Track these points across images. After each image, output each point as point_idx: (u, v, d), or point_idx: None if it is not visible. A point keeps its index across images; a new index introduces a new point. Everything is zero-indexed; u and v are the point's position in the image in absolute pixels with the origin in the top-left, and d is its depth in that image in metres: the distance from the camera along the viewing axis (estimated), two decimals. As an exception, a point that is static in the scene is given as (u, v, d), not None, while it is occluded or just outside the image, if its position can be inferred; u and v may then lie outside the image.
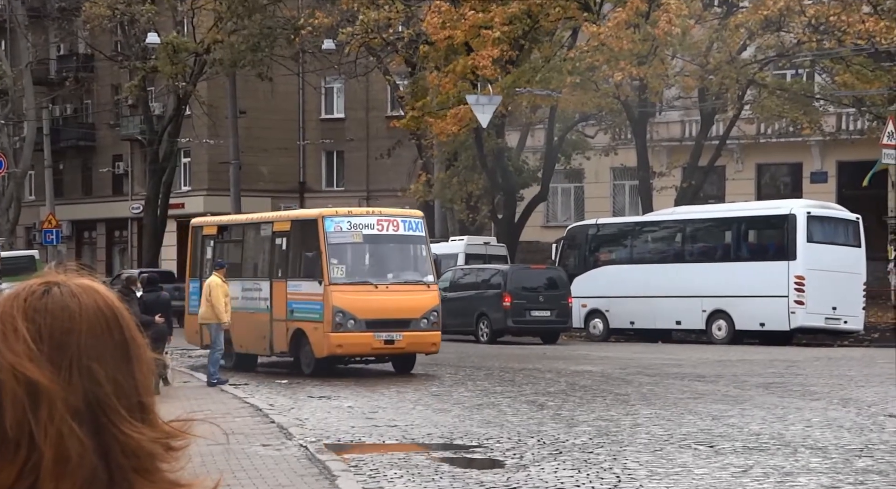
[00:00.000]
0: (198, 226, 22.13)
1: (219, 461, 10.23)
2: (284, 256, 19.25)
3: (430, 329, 18.49)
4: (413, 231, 18.82)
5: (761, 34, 28.97)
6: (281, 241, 19.42)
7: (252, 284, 19.83)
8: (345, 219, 18.55)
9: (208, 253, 21.13)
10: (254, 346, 19.63)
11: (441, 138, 29.76)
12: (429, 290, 18.68)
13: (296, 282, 18.72)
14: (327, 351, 18.00)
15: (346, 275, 18.24)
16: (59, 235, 40.27)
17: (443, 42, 27.25)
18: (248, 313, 19.48)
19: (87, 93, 48.25)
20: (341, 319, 17.93)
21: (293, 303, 18.75)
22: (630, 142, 33.97)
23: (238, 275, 19.87)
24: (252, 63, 35.37)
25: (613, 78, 26.91)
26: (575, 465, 10.38)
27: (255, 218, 21.31)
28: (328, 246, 18.16)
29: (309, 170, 46.66)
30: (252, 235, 20.55)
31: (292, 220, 19.70)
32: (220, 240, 21.23)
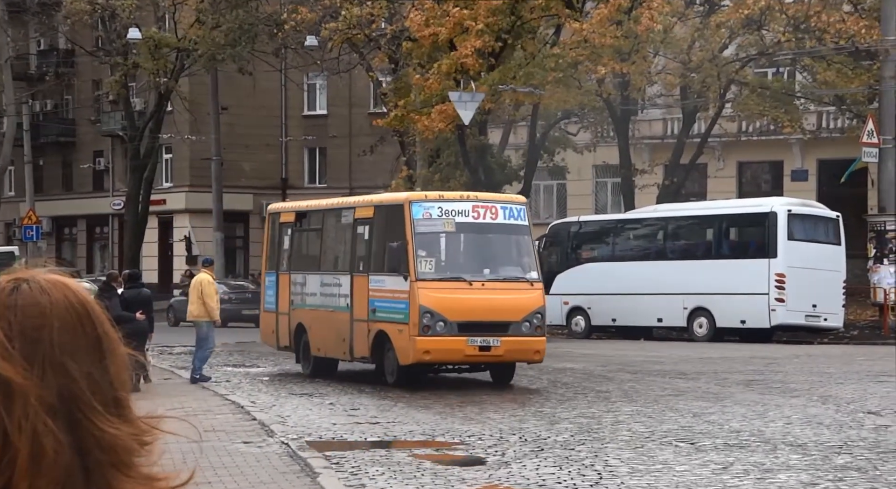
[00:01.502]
0: (274, 212, 20.09)
1: (199, 458, 10.20)
2: (367, 247, 16.99)
3: (533, 334, 15.98)
4: (515, 219, 16.37)
5: (742, 32, 29.08)
6: (363, 229, 17.11)
7: (331, 279, 17.69)
8: (435, 204, 16.18)
9: (286, 243, 19.17)
10: (333, 350, 17.52)
11: (426, 135, 29.74)
12: (532, 289, 16.21)
13: (379, 276, 16.44)
14: (413, 357, 15.67)
15: (436, 270, 15.94)
16: (39, 232, 40.04)
17: (427, 39, 27.22)
18: (327, 312, 17.58)
19: (67, 88, 47.98)
20: (429, 321, 15.61)
21: (375, 302, 16.47)
22: (612, 139, 34.06)
23: (316, 268, 18.19)
24: (232, 57, 35.25)
25: (596, 74, 26.95)
26: (556, 462, 10.40)
27: (336, 203, 19.02)
28: (415, 235, 15.83)
29: (291, 166, 46.55)
30: (332, 223, 18.32)
31: (375, 206, 17.20)
32: (298, 228, 19.07)
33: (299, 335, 18.34)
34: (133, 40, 35.39)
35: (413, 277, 15.68)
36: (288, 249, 19.03)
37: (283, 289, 18.84)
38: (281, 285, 18.95)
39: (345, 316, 17.07)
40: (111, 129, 44.44)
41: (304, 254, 18.90)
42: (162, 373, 18.50)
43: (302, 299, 18.45)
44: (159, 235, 44.68)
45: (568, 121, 34.84)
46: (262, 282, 19.84)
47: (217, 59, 35.62)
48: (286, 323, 18.61)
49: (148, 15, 37.28)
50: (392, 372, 16.22)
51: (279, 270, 18.94)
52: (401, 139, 34.54)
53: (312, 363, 17.98)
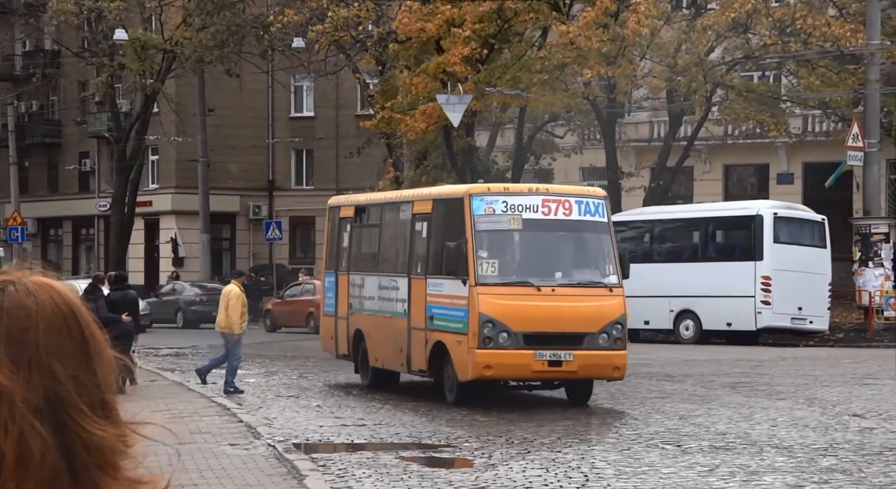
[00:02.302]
0: (335, 206, 18.38)
1: (186, 460, 10.17)
2: (425, 246, 15.12)
3: (612, 347, 13.98)
4: (592, 215, 14.44)
5: (729, 35, 29.18)
6: (421, 225, 15.30)
7: (389, 281, 15.87)
8: (499, 198, 14.30)
9: (345, 240, 17.41)
10: (391, 361, 15.77)
11: (409, 136, 29.73)
12: (611, 295, 14.20)
13: (436, 279, 14.61)
14: (472, 373, 13.80)
15: (499, 273, 14.05)
16: (24, 233, 39.86)
17: (414, 34, 27.19)
18: (384, 318, 15.84)
19: (53, 89, 47.79)
20: (491, 332, 13.72)
21: (433, 308, 14.63)
22: (599, 142, 34.11)
23: (374, 268, 16.46)
24: (219, 59, 35.18)
25: (582, 77, 27.00)
26: (543, 465, 10.41)
27: (393, 197, 17.19)
28: (475, 233, 14.00)
29: (278, 168, 46.48)
30: (391, 218, 16.45)
31: (434, 200, 15.27)
32: (358, 224, 17.31)
33: (358, 342, 16.64)
34: (119, 41, 35.28)
35: (473, 281, 13.82)
36: (347, 247, 17.32)
37: (342, 290, 17.16)
38: (340, 287, 17.29)
39: (402, 323, 15.31)
40: (97, 130, 44.29)
41: (362, 252, 17.13)
42: (148, 375, 18.43)
43: (360, 303, 16.71)
44: (145, 237, 44.54)
45: (555, 123, 34.89)
46: (322, 281, 18.40)
47: (204, 61, 35.54)
48: (345, 329, 16.98)
49: (134, 16, 37.18)
50: (451, 388, 14.35)
51: (338, 270, 17.38)
52: (388, 141, 34.53)
53: (371, 374, 16.30)
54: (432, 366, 14.64)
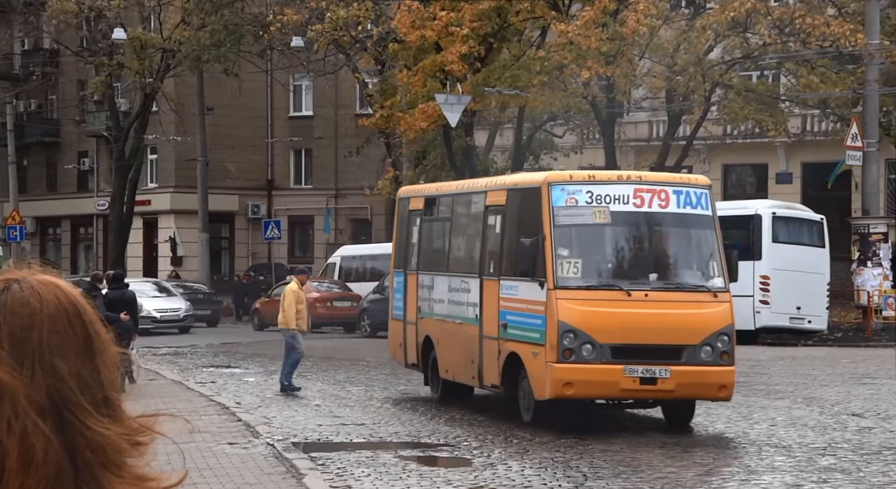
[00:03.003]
0: (404, 197, 16.57)
1: (185, 459, 10.18)
2: (498, 242, 13.32)
3: (717, 362, 11.95)
4: (693, 207, 12.47)
5: (727, 35, 29.18)
6: (495, 219, 13.53)
7: (459, 282, 14.17)
8: (583, 187, 12.37)
9: (414, 235, 15.66)
10: (461, 373, 14.09)
11: (409, 135, 29.74)
12: (716, 302, 12.16)
13: (511, 282, 12.79)
14: (550, 391, 11.90)
15: (583, 275, 12.18)
16: (23, 232, 39.84)
17: (415, 42, 27.23)
18: (455, 324, 14.22)
19: (52, 88, 47.77)
20: (572, 343, 11.81)
21: (507, 314, 12.83)
22: (598, 142, 34.12)
23: (444, 267, 14.72)
24: (217, 58, 35.17)
25: (581, 76, 27.01)
26: (542, 464, 10.42)
27: (465, 186, 15.36)
28: (555, 228, 12.13)
29: (277, 167, 46.48)
30: (462, 211, 14.75)
31: (508, 190, 13.37)
32: (428, 217, 15.46)
33: (427, 351, 14.96)
34: (118, 41, 35.27)
35: (551, 284, 11.94)
36: (416, 243, 15.54)
37: (411, 292, 15.47)
38: (409, 288, 15.57)
39: (473, 330, 13.60)
40: (96, 129, 44.27)
41: (432, 249, 15.37)
42: (147, 373, 18.44)
43: (429, 306, 15.01)
44: (144, 236, 44.52)
45: (553, 123, 34.91)
46: (390, 283, 16.57)
47: (202, 60, 35.53)
48: (413, 335, 15.31)
49: (133, 15, 37.16)
50: (528, 407, 12.50)
51: (407, 269, 15.66)
52: (387, 141, 34.53)
53: (441, 387, 14.70)
54: (506, 380, 12.81)
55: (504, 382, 12.90)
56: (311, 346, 25.19)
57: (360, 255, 33.56)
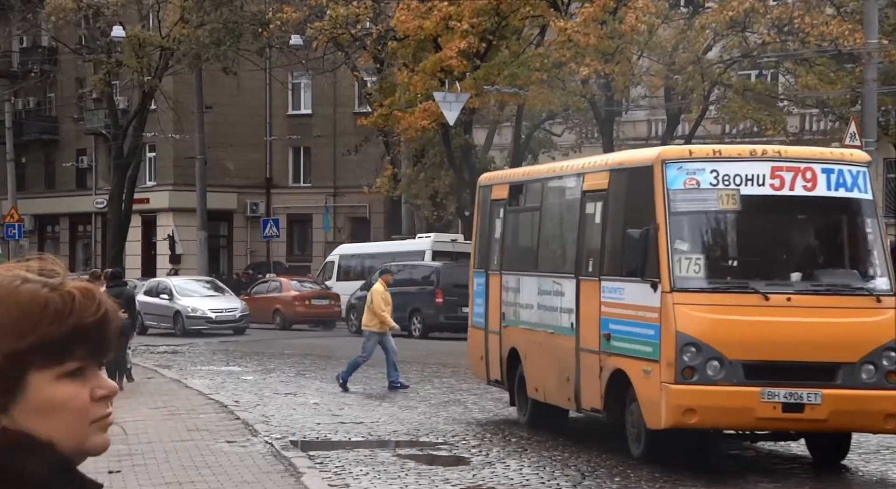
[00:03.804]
0: (485, 185, 14.24)
1: (183, 457, 10.18)
2: (599, 235, 10.96)
3: (883, 385, 9.60)
4: (848, 189, 10.12)
5: (726, 34, 29.21)
6: (594, 206, 11.14)
7: (551, 284, 11.87)
8: (706, 165, 9.99)
9: (497, 229, 13.48)
10: (555, 393, 11.73)
11: (409, 134, 29.74)
12: (880, 308, 9.77)
13: (615, 282, 10.47)
14: (667, 418, 9.51)
15: (707, 274, 9.88)
16: (21, 230, 39.83)
17: (413, 32, 27.20)
18: (546, 334, 11.88)
19: (50, 86, 47.75)
20: (694, 359, 9.48)
21: (610, 322, 10.48)
22: (597, 140, 34.13)
23: (533, 266, 12.46)
24: (216, 56, 35.17)
25: (580, 73, 27.03)
26: (540, 463, 10.43)
27: (559, 169, 12.96)
28: (671, 216, 9.82)
29: (275, 165, 46.47)
30: (554, 198, 12.41)
31: (612, 171, 10.97)
32: (514, 207, 13.22)
33: (513, 365, 12.71)
34: (117, 38, 35.26)
35: (667, 285, 9.65)
36: (500, 238, 13.39)
37: (494, 296, 13.26)
38: (491, 291, 13.37)
39: (569, 342, 11.27)
40: (94, 127, 44.26)
41: (519, 245, 13.25)
42: (145, 372, 18.43)
43: (515, 313, 12.76)
44: (142, 234, 44.52)
45: (552, 122, 34.93)
46: (469, 285, 14.27)
47: (201, 58, 35.52)
48: (497, 346, 13.12)
49: (132, 13, 37.15)
50: (638, 438, 10.16)
51: (489, 269, 13.48)
52: (385, 139, 34.54)
53: (530, 408, 12.40)
54: (610, 403, 10.51)
55: (607, 406, 10.56)
56: (303, 346, 25.18)
57: (358, 254, 33.57)
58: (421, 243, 31.08)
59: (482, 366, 13.55)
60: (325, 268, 34.26)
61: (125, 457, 10.07)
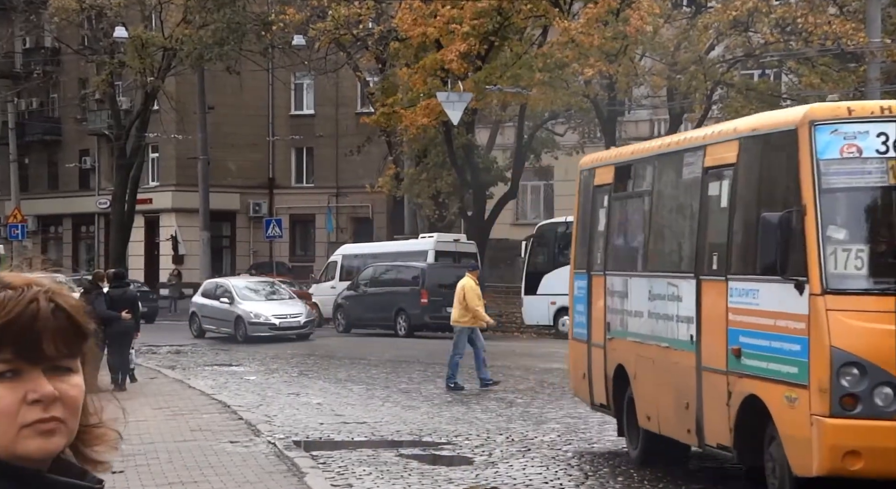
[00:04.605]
0: (587, 168, 12.08)
1: (186, 458, 10.18)
2: (725, 222, 8.70)
3: None
4: None
5: (729, 34, 29.20)
6: (718, 186, 8.86)
7: (664, 286, 9.60)
8: (870, 126, 7.67)
9: (601, 221, 11.25)
10: (671, 424, 9.40)
11: (411, 131, 29.75)
12: None
13: (746, 283, 8.24)
14: (821, 463, 7.30)
15: (871, 272, 7.62)
16: (24, 230, 39.87)
17: (416, 39, 27.23)
18: (658, 349, 9.60)
19: (53, 87, 47.79)
20: (857, 384, 7.29)
21: (742, 335, 8.25)
22: (599, 140, 34.12)
23: (643, 265, 10.22)
24: (219, 57, 35.20)
25: (583, 75, 27.01)
26: (543, 462, 10.42)
27: (673, 143, 10.25)
28: (822, 195, 7.58)
29: (278, 166, 46.49)
30: (669, 179, 10.09)
31: (742, 139, 8.53)
32: (621, 193, 10.89)
33: (620, 386, 10.42)
34: (120, 39, 35.29)
35: (817, 286, 7.42)
36: (604, 232, 11.15)
37: (597, 302, 10.99)
38: (594, 296, 11.11)
39: (687, 359, 8.94)
40: (97, 127, 44.30)
41: (627, 240, 10.98)
42: (148, 372, 18.44)
43: (622, 322, 10.42)
44: (145, 234, 44.55)
45: (555, 121, 34.93)
46: (570, 289, 11.95)
47: (204, 59, 35.55)
48: (601, 362, 10.84)
49: (134, 14, 37.19)
50: (782, 486, 7.82)
51: (592, 269, 11.25)
52: (388, 139, 34.55)
53: (642, 441, 10.07)
54: (742, 439, 8.16)
55: (738, 443, 8.16)
56: (303, 346, 25.16)
57: (361, 254, 33.59)
58: (424, 243, 31.11)
59: (584, 386, 11.30)
60: (327, 269, 34.29)
61: (128, 457, 10.08)
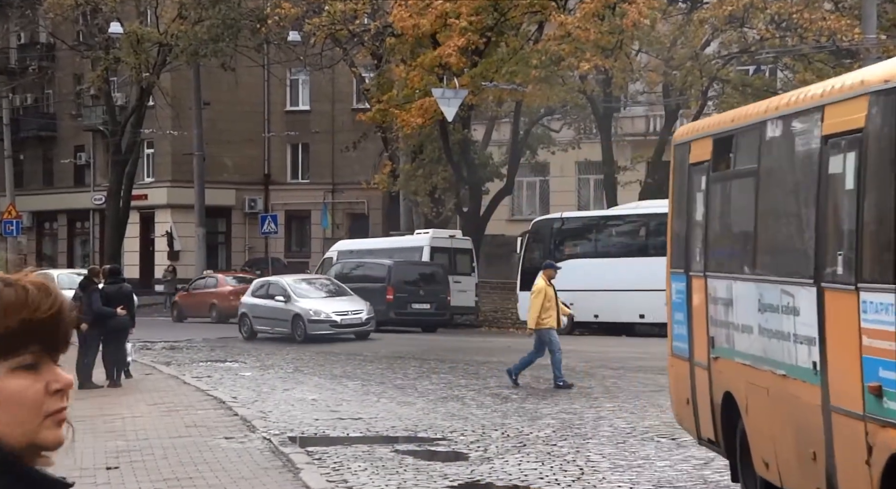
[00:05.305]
0: (682, 142, 9.36)
1: (181, 454, 10.17)
2: (852, 210, 6.12)
3: None
4: None
5: (725, 30, 29.20)
6: (841, 161, 6.28)
7: (776, 294, 7.19)
8: None
9: (699, 207, 8.82)
10: (794, 476, 6.99)
11: (406, 130, 29.74)
12: None
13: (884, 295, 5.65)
14: None
15: None
16: (19, 226, 39.81)
17: (410, 30, 27.20)
18: (772, 376, 7.22)
19: (48, 82, 47.71)
20: None
21: (882, 367, 5.64)
22: (595, 136, 34.13)
23: (749, 266, 7.83)
24: (214, 53, 35.14)
25: (579, 69, 27.00)
26: (538, 458, 10.43)
27: (783, 104, 7.38)
28: None
29: (274, 162, 46.45)
30: (778, 156, 7.45)
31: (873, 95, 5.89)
32: (722, 173, 8.46)
33: (730, 419, 8.04)
34: (115, 35, 35.23)
35: None
36: (702, 222, 8.74)
37: (698, 310, 8.70)
38: (694, 302, 8.82)
39: (810, 393, 6.65)
40: (92, 123, 44.22)
41: (730, 232, 8.49)
42: (143, 368, 18.43)
43: (728, 338, 8.07)
44: (141, 231, 44.50)
45: (551, 118, 34.92)
46: (667, 293, 9.57)
47: (199, 54, 35.50)
48: (705, 387, 8.50)
49: (130, 9, 37.12)
50: None
51: (690, 269, 8.91)
52: (383, 135, 34.53)
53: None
54: None
55: None
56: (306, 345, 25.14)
57: (357, 250, 33.61)
58: (419, 239, 31.11)
59: (689, 414, 8.88)
60: (323, 265, 34.29)
61: (123, 453, 10.07)
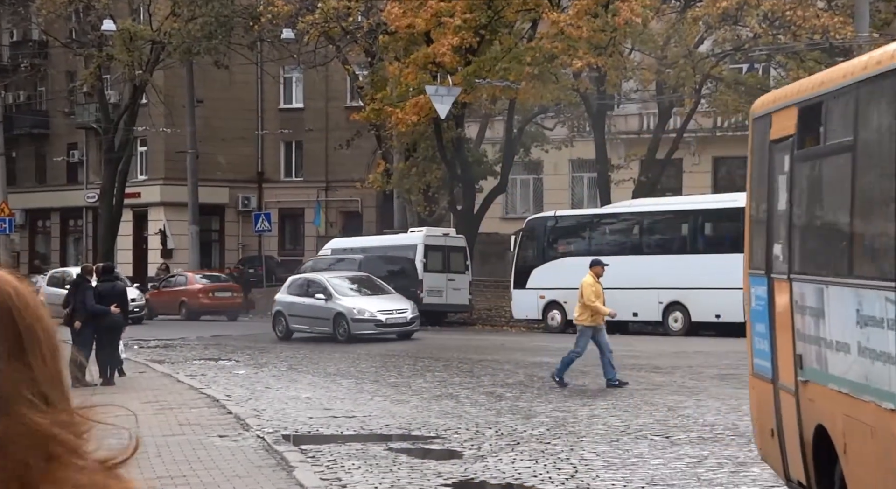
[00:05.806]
0: (761, 115, 7.76)
1: (175, 452, 10.17)
2: None
3: None
4: None
5: (718, 28, 29.24)
6: None
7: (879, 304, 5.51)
8: None
9: (782, 193, 7.18)
10: None
11: (400, 128, 29.73)
12: None
13: None
14: None
15: None
16: (12, 224, 39.71)
17: (404, 30, 27.19)
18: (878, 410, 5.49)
19: (41, 80, 47.59)
20: None
21: None
22: (588, 134, 34.15)
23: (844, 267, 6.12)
24: (207, 50, 35.08)
25: (572, 66, 27.01)
26: (532, 456, 10.44)
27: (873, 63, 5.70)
28: None
29: (267, 160, 46.39)
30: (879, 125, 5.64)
31: None
32: (807, 151, 6.75)
33: (824, 458, 6.48)
34: (108, 32, 35.14)
35: None
36: (786, 212, 7.15)
37: (782, 321, 7.15)
38: (778, 311, 7.26)
39: None
40: (85, 121, 44.13)
41: (820, 224, 6.90)
42: (137, 366, 18.41)
43: (819, 357, 6.49)
44: (134, 228, 44.42)
45: (544, 116, 34.93)
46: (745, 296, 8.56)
47: (192, 52, 35.44)
48: (792, 417, 6.96)
49: (123, 7, 37.03)
50: None
51: (772, 270, 7.42)
52: (377, 133, 34.52)
53: None
54: None
55: None
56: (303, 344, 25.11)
57: (350, 248, 33.60)
58: (413, 237, 31.11)
59: (774, 448, 7.33)
60: (316, 263, 34.27)
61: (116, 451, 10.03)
